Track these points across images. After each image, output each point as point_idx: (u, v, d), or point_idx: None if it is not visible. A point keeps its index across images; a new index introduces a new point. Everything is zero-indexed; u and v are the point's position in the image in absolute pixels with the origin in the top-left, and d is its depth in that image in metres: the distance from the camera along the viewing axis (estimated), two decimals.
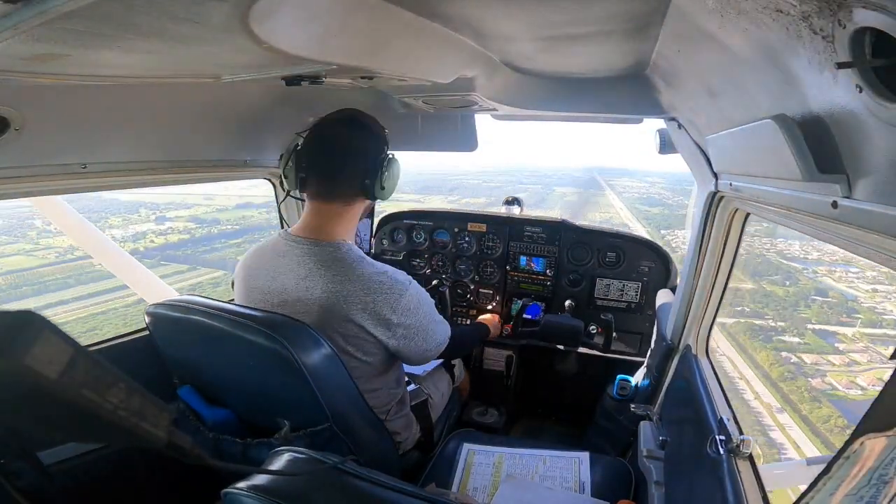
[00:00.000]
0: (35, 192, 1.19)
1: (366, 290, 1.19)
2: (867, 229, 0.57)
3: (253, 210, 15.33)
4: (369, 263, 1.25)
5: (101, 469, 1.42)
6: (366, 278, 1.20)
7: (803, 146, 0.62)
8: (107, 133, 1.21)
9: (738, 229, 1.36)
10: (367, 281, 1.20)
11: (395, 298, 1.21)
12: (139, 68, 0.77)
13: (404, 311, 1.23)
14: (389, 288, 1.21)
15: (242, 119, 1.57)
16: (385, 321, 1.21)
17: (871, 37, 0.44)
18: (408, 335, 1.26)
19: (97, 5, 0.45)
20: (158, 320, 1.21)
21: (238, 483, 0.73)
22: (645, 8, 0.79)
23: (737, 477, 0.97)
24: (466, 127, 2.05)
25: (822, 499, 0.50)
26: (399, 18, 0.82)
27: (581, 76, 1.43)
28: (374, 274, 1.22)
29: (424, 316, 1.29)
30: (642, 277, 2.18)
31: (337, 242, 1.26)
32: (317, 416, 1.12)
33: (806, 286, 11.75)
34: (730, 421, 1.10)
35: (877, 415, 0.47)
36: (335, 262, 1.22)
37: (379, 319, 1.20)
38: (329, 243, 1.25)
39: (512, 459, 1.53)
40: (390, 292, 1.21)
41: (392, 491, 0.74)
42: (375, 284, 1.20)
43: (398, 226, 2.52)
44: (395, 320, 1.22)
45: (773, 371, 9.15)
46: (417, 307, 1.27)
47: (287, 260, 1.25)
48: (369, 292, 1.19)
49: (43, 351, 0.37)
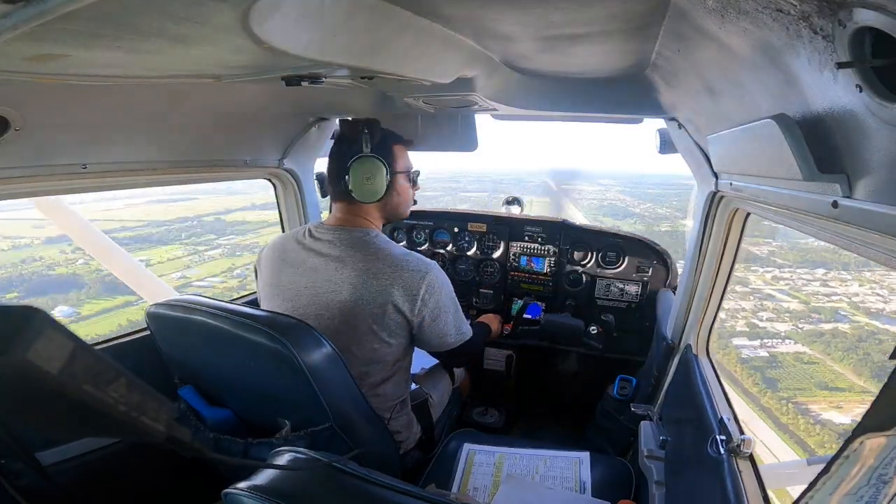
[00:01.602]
0: (35, 192, 1.19)
1: (393, 266, 1.27)
2: (867, 229, 0.57)
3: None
4: (395, 246, 1.35)
5: (100, 469, 1.42)
6: (393, 257, 1.29)
7: (803, 146, 0.62)
8: (107, 133, 1.21)
9: (738, 229, 1.36)
10: (394, 259, 1.29)
11: (420, 276, 1.28)
12: (139, 68, 0.77)
13: (429, 288, 1.29)
14: (416, 266, 1.29)
15: (242, 119, 1.57)
16: (412, 296, 1.27)
17: (871, 37, 0.44)
18: (433, 314, 1.32)
19: (97, 5, 0.45)
20: (159, 320, 1.21)
21: (239, 483, 0.73)
22: (645, 8, 0.79)
23: (737, 477, 0.97)
24: (466, 127, 2.05)
25: (821, 499, 0.50)
26: (399, 18, 0.82)
27: (581, 76, 1.43)
28: (402, 254, 1.31)
29: (448, 297, 1.37)
30: (642, 277, 2.18)
31: (366, 228, 1.36)
32: (318, 416, 1.12)
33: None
34: (730, 421, 1.10)
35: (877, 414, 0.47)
36: (364, 244, 1.31)
37: (407, 294, 1.27)
38: (359, 229, 1.35)
39: (512, 459, 1.53)
40: (416, 270, 1.28)
41: (392, 491, 0.74)
42: (402, 262, 1.28)
43: (398, 226, 2.52)
44: (422, 295, 1.28)
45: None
46: (442, 286, 1.34)
47: (318, 245, 1.34)
48: (396, 269, 1.27)
49: (45, 346, 0.37)
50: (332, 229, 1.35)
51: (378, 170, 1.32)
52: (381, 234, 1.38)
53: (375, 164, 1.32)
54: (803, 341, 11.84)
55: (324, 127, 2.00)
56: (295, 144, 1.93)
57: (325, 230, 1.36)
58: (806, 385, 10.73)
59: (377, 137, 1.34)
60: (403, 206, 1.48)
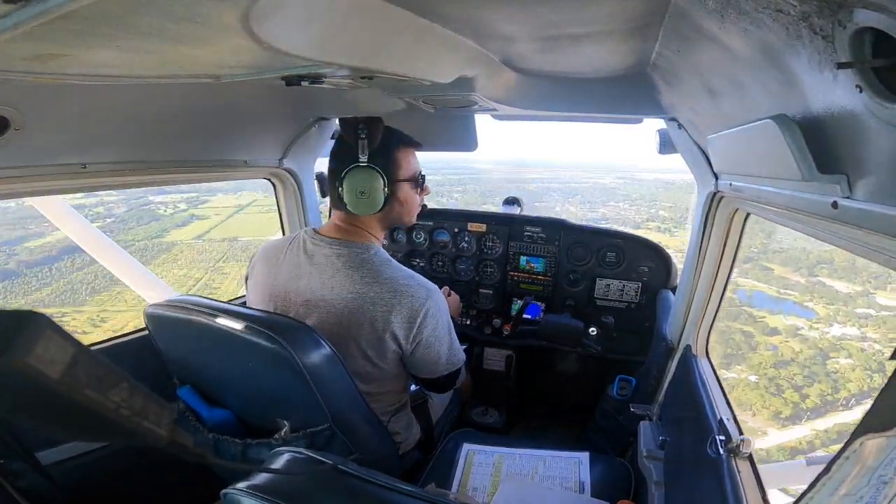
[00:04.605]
0: (35, 192, 1.19)
1: (392, 291, 1.20)
2: (867, 229, 0.57)
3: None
4: (397, 267, 1.26)
5: (101, 469, 1.42)
6: (392, 281, 1.21)
7: (803, 146, 0.62)
8: (107, 133, 1.21)
9: (738, 229, 1.36)
10: (393, 283, 1.21)
11: (420, 302, 1.21)
12: (139, 68, 0.77)
13: (427, 315, 1.23)
14: (417, 292, 1.22)
15: (242, 119, 1.57)
16: (410, 323, 1.21)
17: (871, 37, 0.44)
18: (428, 342, 1.26)
19: (97, 5, 0.45)
20: (158, 320, 1.21)
21: (238, 483, 0.73)
22: (645, 8, 0.79)
23: (736, 477, 0.97)
24: (466, 127, 2.05)
25: (821, 499, 0.50)
26: (399, 18, 0.82)
27: (581, 76, 1.43)
28: (402, 277, 1.23)
29: (445, 325, 1.30)
30: (642, 277, 2.18)
31: (366, 244, 1.28)
32: (317, 417, 1.12)
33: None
34: (729, 421, 1.10)
35: (877, 415, 0.47)
36: (363, 263, 1.23)
37: (405, 320, 1.21)
38: (358, 244, 1.27)
39: (512, 459, 1.53)
40: (417, 296, 1.21)
41: (392, 491, 0.74)
42: (402, 287, 1.21)
43: (398, 226, 2.52)
44: (419, 322, 1.22)
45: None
46: (441, 314, 1.27)
47: (314, 259, 1.26)
48: (395, 294, 1.20)
49: (45, 350, 0.37)
50: (331, 242, 1.26)
51: (374, 182, 1.22)
52: (382, 250, 1.31)
53: (371, 175, 1.22)
54: None
55: (324, 127, 2.00)
56: (295, 144, 1.93)
57: (324, 243, 1.27)
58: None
59: (377, 141, 1.24)
60: (407, 215, 1.37)
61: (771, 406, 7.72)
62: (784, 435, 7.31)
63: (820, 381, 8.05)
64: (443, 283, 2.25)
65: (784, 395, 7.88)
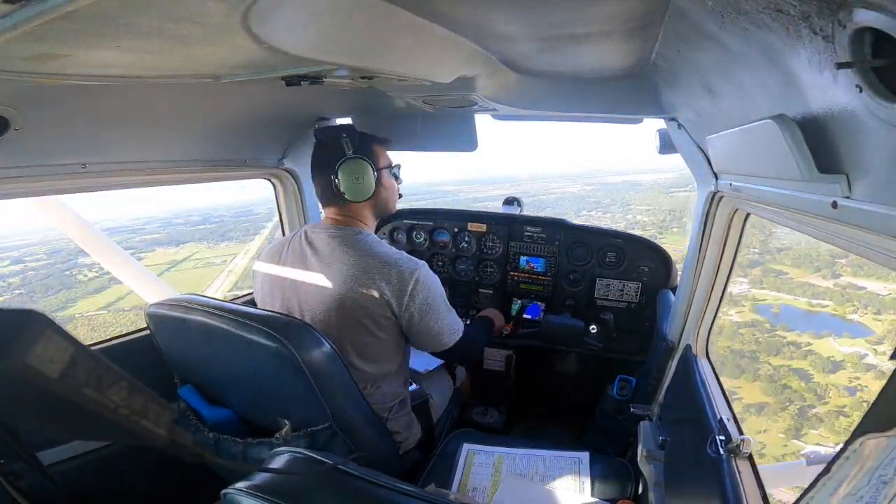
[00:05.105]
0: (35, 192, 1.20)
1: (384, 263, 1.33)
2: (867, 229, 0.57)
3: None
4: (387, 246, 1.42)
5: (101, 469, 1.42)
6: (384, 255, 1.35)
7: (803, 146, 0.62)
8: (107, 133, 1.21)
9: (738, 229, 1.35)
10: (385, 256, 1.34)
11: (409, 272, 1.33)
12: (139, 68, 0.77)
13: (417, 284, 1.33)
14: (406, 264, 1.34)
15: (242, 119, 1.57)
16: (401, 291, 1.32)
17: (871, 37, 0.44)
18: (422, 311, 1.35)
19: (97, 5, 0.45)
20: (159, 320, 1.21)
21: (238, 483, 0.73)
22: (645, 8, 0.79)
23: (736, 477, 0.97)
24: (466, 127, 2.05)
25: (821, 499, 0.50)
26: (399, 18, 0.82)
27: (581, 76, 1.43)
28: (392, 253, 1.37)
29: (438, 295, 1.41)
30: (642, 277, 2.18)
31: (358, 228, 1.44)
32: (317, 416, 1.12)
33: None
34: (730, 421, 1.10)
35: (877, 415, 0.47)
36: (357, 242, 1.38)
37: (395, 289, 1.31)
38: (351, 228, 1.43)
39: (512, 459, 1.53)
40: (406, 267, 1.33)
41: (392, 491, 0.74)
42: (392, 259, 1.34)
43: (398, 226, 2.52)
44: (410, 290, 1.32)
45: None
46: (432, 285, 1.39)
47: (314, 245, 1.41)
48: (387, 265, 1.32)
49: (45, 350, 0.37)
50: (326, 228, 1.43)
51: (365, 169, 1.40)
52: (373, 234, 1.46)
53: (361, 163, 1.40)
54: None
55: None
56: (295, 144, 1.94)
57: (320, 230, 1.43)
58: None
59: (357, 140, 1.41)
60: (392, 200, 1.56)
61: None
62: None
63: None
64: (443, 284, 2.26)
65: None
